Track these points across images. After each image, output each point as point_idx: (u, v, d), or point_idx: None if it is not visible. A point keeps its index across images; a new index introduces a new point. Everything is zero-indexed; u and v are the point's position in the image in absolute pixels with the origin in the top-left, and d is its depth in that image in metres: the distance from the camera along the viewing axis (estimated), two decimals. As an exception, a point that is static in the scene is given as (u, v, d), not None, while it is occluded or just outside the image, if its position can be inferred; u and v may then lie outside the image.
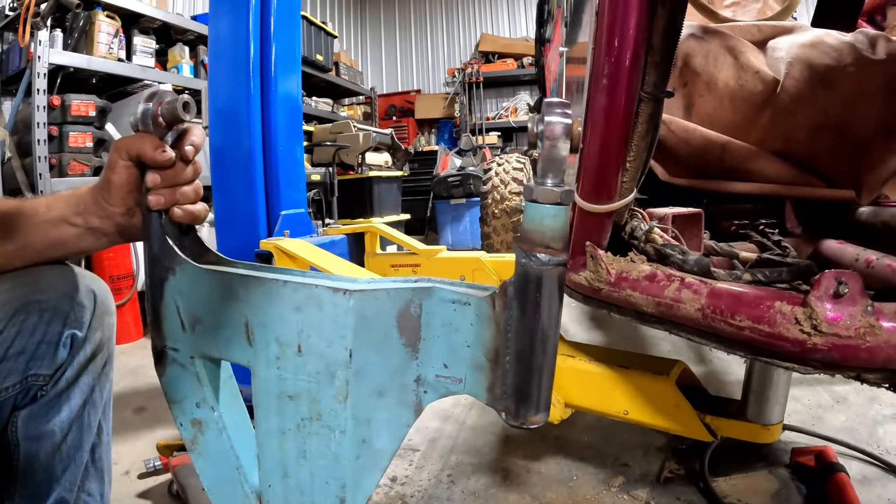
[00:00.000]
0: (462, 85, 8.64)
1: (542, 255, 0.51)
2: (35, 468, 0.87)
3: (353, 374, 0.63)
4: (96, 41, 3.52)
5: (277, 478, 0.70)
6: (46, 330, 0.82)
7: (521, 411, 0.54)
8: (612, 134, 0.69)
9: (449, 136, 8.97)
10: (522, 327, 0.52)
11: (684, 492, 1.44)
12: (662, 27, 0.64)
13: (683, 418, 0.98)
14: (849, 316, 0.52)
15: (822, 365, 0.55)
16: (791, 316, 0.55)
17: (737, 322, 0.59)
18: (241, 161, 2.17)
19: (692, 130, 1.23)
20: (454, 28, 9.34)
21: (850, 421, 1.85)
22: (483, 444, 1.73)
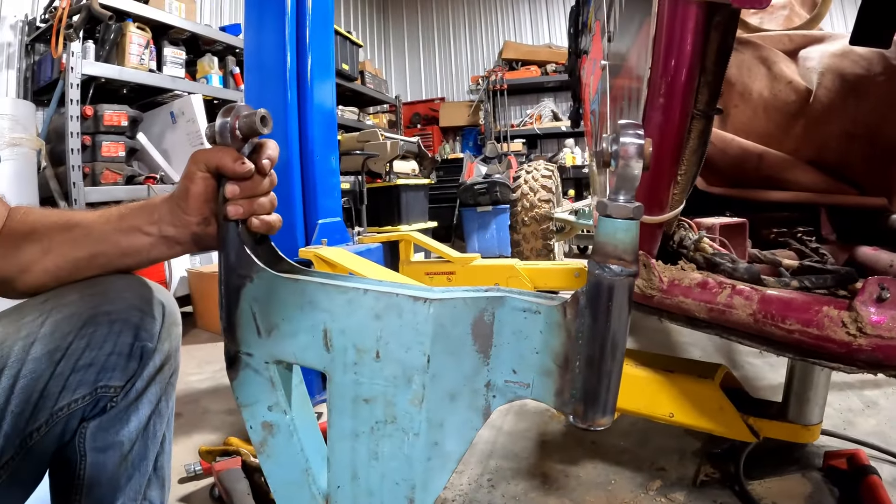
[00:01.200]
0: (486, 92, 8.69)
1: (615, 267, 0.55)
2: (101, 479, 0.88)
3: (430, 378, 0.67)
4: (128, 52, 3.63)
5: (347, 479, 0.74)
6: (117, 341, 0.84)
7: (590, 414, 0.59)
8: (666, 149, 0.73)
9: (474, 144, 9.02)
10: (594, 334, 0.56)
11: (720, 495, 1.46)
12: (715, 49, 0.68)
13: (727, 420, 1.01)
14: (891, 319, 0.56)
15: (866, 365, 0.58)
16: (838, 319, 0.59)
17: (787, 326, 0.63)
18: (280, 171, 2.22)
19: (730, 141, 1.26)
20: (477, 36, 9.42)
21: (880, 425, 1.85)
22: (521, 448, 1.77)
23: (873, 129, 1.22)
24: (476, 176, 6.74)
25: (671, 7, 0.66)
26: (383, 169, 5.23)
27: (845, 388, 2.16)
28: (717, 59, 0.68)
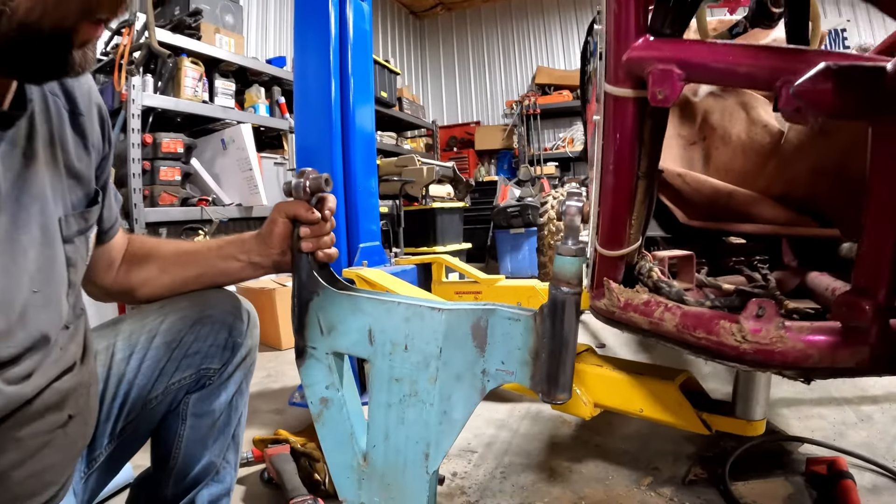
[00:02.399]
0: (520, 116, 8.95)
1: (565, 288, 0.80)
2: (195, 438, 1.18)
3: (442, 363, 0.94)
4: (183, 85, 3.92)
5: (381, 439, 1.01)
6: (216, 337, 1.15)
7: (552, 392, 0.83)
8: (618, 201, 0.98)
9: (508, 167, 9.26)
10: (553, 334, 0.82)
11: (705, 492, 1.64)
12: (650, 130, 0.92)
13: (685, 415, 1.23)
14: (766, 330, 0.78)
15: (752, 363, 0.81)
16: (729, 330, 0.81)
17: (697, 334, 0.86)
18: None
19: (703, 181, 1.49)
20: (511, 61, 9.69)
21: (870, 437, 1.99)
22: (533, 448, 1.99)
23: (838, 167, 1.41)
24: (510, 199, 6.98)
25: (614, 101, 0.91)
26: (420, 193, 5.51)
27: (843, 404, 2.31)
28: (652, 136, 0.92)
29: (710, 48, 0.78)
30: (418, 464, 0.98)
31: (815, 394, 2.41)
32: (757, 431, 1.23)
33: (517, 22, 9.62)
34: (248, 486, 1.80)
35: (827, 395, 2.40)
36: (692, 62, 0.78)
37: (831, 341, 0.77)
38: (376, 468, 1.03)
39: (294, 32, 2.54)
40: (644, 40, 0.85)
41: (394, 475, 1.01)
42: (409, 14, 9.95)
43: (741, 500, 1.58)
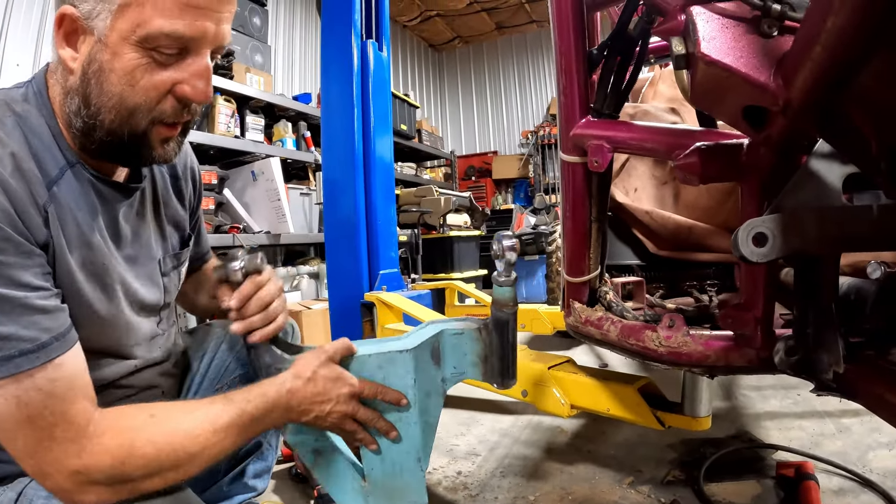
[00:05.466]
0: (535, 146, 9.24)
1: (505, 309, 1.08)
2: None
3: (416, 388, 1.14)
4: (217, 121, 4.20)
5: (377, 462, 1.17)
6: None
7: (504, 382, 1.10)
8: (577, 240, 1.25)
9: (524, 195, 9.53)
10: (501, 344, 1.09)
11: (681, 492, 1.83)
12: (597, 184, 1.19)
13: (642, 413, 1.48)
14: (674, 337, 1.04)
15: (667, 362, 1.06)
16: (651, 337, 1.07)
17: (630, 341, 1.12)
18: (349, 227, 2.74)
19: (668, 218, 1.74)
20: (526, 92, 10.02)
21: (845, 446, 2.14)
22: (530, 453, 2.23)
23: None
24: (525, 226, 7.20)
25: (568, 165, 1.18)
26: (437, 222, 5.77)
27: (825, 416, 2.47)
28: (599, 190, 1.19)
29: (628, 129, 1.05)
30: (414, 467, 1.19)
31: (800, 408, 2.59)
32: (703, 426, 1.46)
33: (532, 54, 9.96)
34: (278, 481, 2.05)
35: (810, 408, 2.57)
36: (616, 139, 1.05)
37: (724, 346, 1.02)
38: (378, 483, 1.18)
39: (321, 76, 2.84)
40: (585, 121, 1.12)
41: (394, 482, 1.19)
42: (429, 47, 10.36)
43: (712, 498, 1.77)
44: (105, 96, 0.91)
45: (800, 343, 0.86)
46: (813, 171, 0.69)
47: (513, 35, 10.07)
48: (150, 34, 0.87)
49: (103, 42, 0.88)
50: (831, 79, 0.55)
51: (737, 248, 0.68)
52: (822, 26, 0.50)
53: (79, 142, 0.97)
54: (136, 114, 0.93)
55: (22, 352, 0.81)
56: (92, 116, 0.93)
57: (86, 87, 0.91)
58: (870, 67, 0.53)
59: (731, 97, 0.68)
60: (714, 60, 0.62)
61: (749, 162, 0.85)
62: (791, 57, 0.59)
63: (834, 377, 0.78)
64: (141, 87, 0.91)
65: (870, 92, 0.57)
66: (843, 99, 0.59)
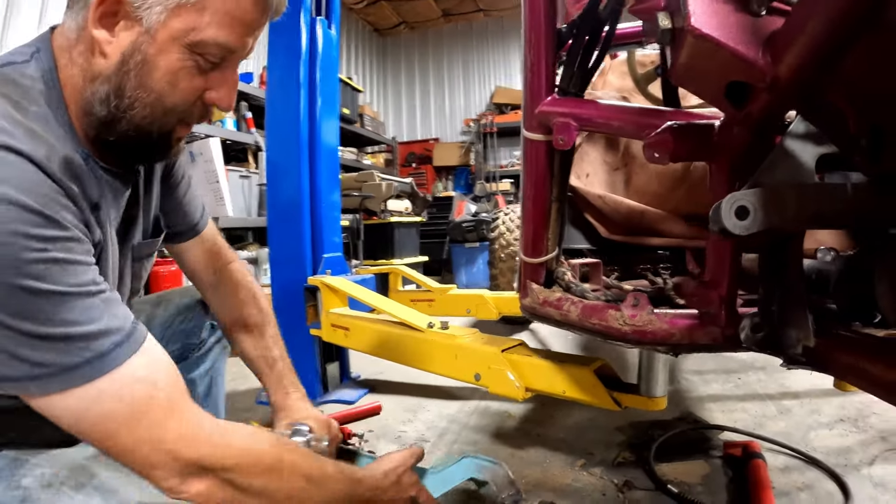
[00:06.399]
0: (477, 134, 9.26)
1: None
2: None
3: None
4: None
5: None
6: (200, 319, 1.41)
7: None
8: (537, 220, 1.23)
9: (465, 183, 9.54)
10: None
11: (632, 472, 1.85)
12: (559, 163, 1.18)
13: (598, 394, 1.49)
14: (639, 315, 1.04)
15: (632, 341, 1.06)
16: (614, 317, 1.07)
17: (592, 321, 1.11)
18: (291, 204, 2.66)
19: (620, 202, 1.75)
20: (470, 81, 10.03)
21: (788, 427, 2.22)
22: (479, 438, 2.22)
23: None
24: (465, 214, 7.23)
25: (530, 143, 1.17)
26: (378, 207, 5.72)
27: (766, 399, 2.56)
28: (561, 169, 1.18)
29: (596, 107, 1.04)
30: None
31: (741, 391, 2.68)
32: (659, 406, 1.48)
33: (478, 42, 9.97)
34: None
35: (752, 391, 2.67)
36: (583, 117, 1.03)
37: (689, 324, 1.03)
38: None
39: (268, 54, 2.73)
40: (552, 98, 1.10)
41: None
42: (374, 32, 10.21)
43: (663, 478, 1.78)
44: (143, 91, 0.89)
45: (765, 320, 0.88)
46: (788, 151, 0.69)
47: (459, 23, 10.02)
48: (203, 40, 0.88)
49: (151, 35, 0.86)
50: (820, 59, 0.56)
51: (718, 221, 0.68)
52: (816, 8, 0.50)
53: (94, 131, 0.93)
54: (170, 114, 0.93)
55: (116, 343, 0.80)
56: (123, 109, 0.90)
57: (122, 78, 0.88)
58: (856, 50, 0.53)
59: (717, 73, 0.67)
60: (704, 35, 0.61)
61: (720, 142, 0.85)
62: (782, 36, 0.59)
63: (804, 351, 0.79)
64: (181, 88, 0.91)
65: (853, 73, 0.58)
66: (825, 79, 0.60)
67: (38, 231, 0.74)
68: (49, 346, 0.75)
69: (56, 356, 0.75)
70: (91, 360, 0.77)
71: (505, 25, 9.79)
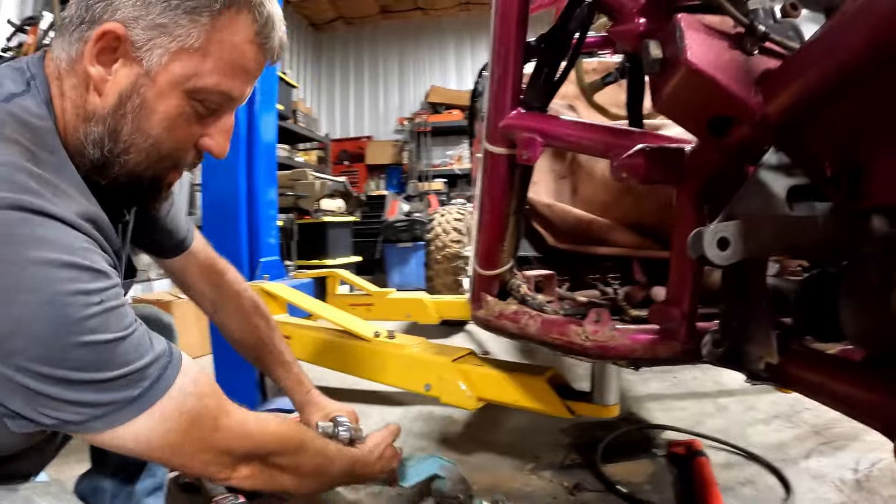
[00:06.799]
0: (411, 133, 9.24)
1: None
2: None
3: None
4: None
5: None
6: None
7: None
8: (493, 232, 1.23)
9: (397, 182, 9.49)
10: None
11: (580, 474, 1.86)
12: (519, 176, 1.18)
13: (552, 403, 1.51)
14: (601, 331, 1.05)
15: (593, 356, 1.07)
16: (576, 332, 1.08)
17: (553, 336, 1.12)
18: (230, 210, 2.55)
19: (568, 211, 1.77)
20: (405, 79, 10.01)
21: (726, 424, 2.31)
22: (426, 445, 2.20)
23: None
24: (398, 213, 7.20)
25: (491, 155, 1.16)
26: (312, 206, 5.61)
27: (703, 397, 2.65)
28: (521, 183, 1.19)
29: (564, 125, 1.05)
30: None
31: (678, 389, 2.76)
32: (612, 414, 1.52)
33: (414, 41, 9.94)
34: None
35: (689, 390, 2.76)
36: (551, 133, 1.04)
37: (651, 339, 1.05)
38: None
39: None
40: (517, 112, 1.10)
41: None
42: (309, 26, 10.00)
43: (612, 478, 1.81)
44: (140, 136, 0.86)
45: (726, 336, 0.90)
46: (762, 181, 0.71)
47: (397, 20, 9.95)
48: (205, 87, 0.85)
49: (151, 77, 0.83)
50: (813, 105, 0.58)
51: (698, 249, 0.69)
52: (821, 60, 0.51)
53: (84, 172, 0.86)
54: (165, 160, 0.90)
55: (164, 367, 0.83)
56: (117, 153, 0.86)
57: (119, 120, 0.84)
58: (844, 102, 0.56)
59: (705, 106, 0.69)
60: (699, 69, 0.62)
61: (691, 167, 0.87)
62: (777, 78, 0.61)
63: (766, 368, 0.82)
64: (177, 135, 0.88)
65: (839, 119, 0.60)
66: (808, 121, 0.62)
67: (94, 285, 0.74)
68: (112, 386, 0.77)
69: (119, 394, 0.78)
70: (149, 388, 0.80)
71: (442, 25, 9.81)
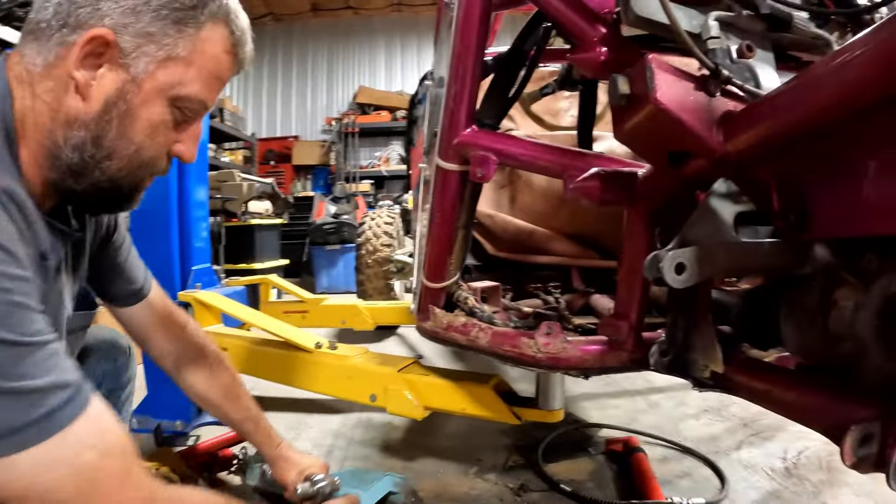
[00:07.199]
0: (338, 134, 9.14)
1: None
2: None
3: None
4: None
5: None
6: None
7: None
8: (442, 246, 1.26)
9: (324, 183, 9.37)
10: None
11: (524, 474, 1.91)
12: (470, 192, 1.21)
13: (499, 410, 1.55)
14: (553, 343, 1.09)
15: (545, 367, 1.12)
16: (528, 344, 1.12)
17: (504, 348, 1.16)
18: (160, 213, 2.42)
19: (509, 222, 1.82)
20: (334, 79, 9.87)
21: (659, 420, 2.42)
22: (369, 453, 2.19)
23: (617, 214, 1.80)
24: (325, 215, 7.09)
25: (444, 171, 1.19)
26: (239, 209, 5.47)
27: (635, 395, 2.77)
28: (471, 199, 1.22)
29: (520, 144, 1.08)
30: None
31: (611, 388, 2.86)
32: (557, 418, 1.57)
33: (344, 40, 9.81)
34: None
35: (621, 388, 2.86)
36: (506, 153, 1.07)
37: (600, 350, 1.10)
38: None
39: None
40: (472, 130, 1.13)
41: None
42: (238, 22, 9.70)
43: (555, 477, 1.86)
44: (124, 141, 0.86)
45: (671, 346, 0.96)
46: (712, 208, 0.77)
47: (328, 18, 9.79)
48: (187, 95, 0.87)
49: (137, 84, 0.84)
50: (769, 149, 0.65)
51: (656, 272, 0.74)
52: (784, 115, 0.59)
53: (56, 176, 0.85)
54: (145, 167, 0.90)
55: (65, 400, 0.72)
56: (100, 159, 0.85)
57: (104, 126, 0.84)
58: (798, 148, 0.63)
59: (667, 140, 0.73)
60: (668, 109, 0.67)
61: (643, 191, 0.92)
62: (740, 122, 0.67)
63: (711, 375, 0.87)
64: (158, 142, 0.89)
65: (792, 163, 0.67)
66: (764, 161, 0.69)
67: (3, 268, 0.68)
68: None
69: (4, 413, 0.67)
70: (42, 419, 0.69)
71: (373, 24, 9.74)
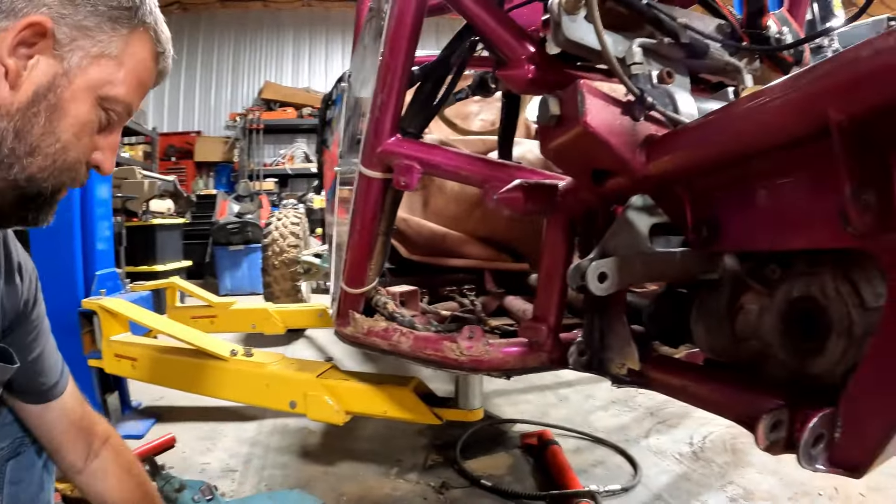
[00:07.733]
0: (242, 130, 8.88)
1: None
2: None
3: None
4: None
5: None
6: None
7: None
8: (362, 252, 1.28)
9: (227, 181, 9.09)
10: None
11: (444, 472, 1.97)
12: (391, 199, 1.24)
13: (420, 411, 1.59)
14: (475, 347, 1.13)
15: (468, 370, 1.16)
16: (451, 348, 1.16)
17: (427, 352, 1.19)
18: (63, 218, 2.30)
19: (423, 225, 1.85)
20: (240, 73, 9.58)
21: (569, 413, 2.54)
22: (288, 460, 2.16)
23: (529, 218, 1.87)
24: (229, 214, 6.88)
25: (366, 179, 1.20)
26: (140, 208, 5.23)
27: (545, 389, 2.88)
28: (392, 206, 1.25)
29: (443, 155, 1.11)
30: None
31: (522, 384, 2.96)
32: (477, 417, 1.63)
33: (252, 33, 9.55)
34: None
35: (531, 384, 2.97)
36: (431, 163, 1.10)
37: (521, 351, 1.15)
38: None
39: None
40: (396, 139, 1.15)
41: None
42: (140, 9, 9.20)
43: (473, 473, 1.93)
44: (50, 138, 0.79)
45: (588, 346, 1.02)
46: (629, 221, 0.83)
47: (236, 10, 9.50)
48: (115, 97, 0.83)
49: (68, 78, 0.79)
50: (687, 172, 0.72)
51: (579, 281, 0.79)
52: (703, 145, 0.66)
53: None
54: (67, 171, 0.83)
55: None
56: (21, 154, 0.77)
57: (30, 118, 0.77)
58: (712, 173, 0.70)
59: (593, 160, 0.78)
60: (596, 132, 0.71)
61: (564, 202, 0.97)
62: (662, 147, 0.73)
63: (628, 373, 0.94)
64: (83, 144, 0.83)
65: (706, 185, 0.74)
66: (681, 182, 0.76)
67: None
68: None
69: None
70: None
71: (282, 18, 9.52)
